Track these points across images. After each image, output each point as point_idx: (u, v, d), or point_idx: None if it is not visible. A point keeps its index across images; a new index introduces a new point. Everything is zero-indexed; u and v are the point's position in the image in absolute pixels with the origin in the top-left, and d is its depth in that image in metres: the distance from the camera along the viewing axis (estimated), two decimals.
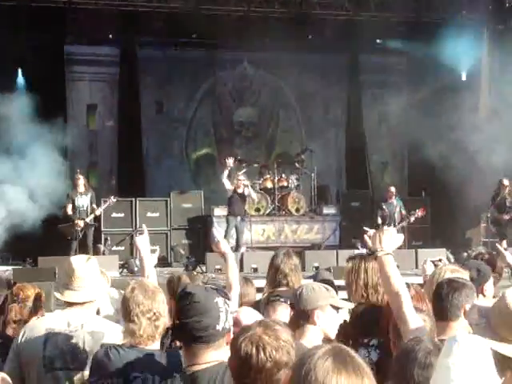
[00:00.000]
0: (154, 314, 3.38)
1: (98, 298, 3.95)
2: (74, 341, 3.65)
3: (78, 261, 3.90)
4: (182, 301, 2.74)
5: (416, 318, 3.27)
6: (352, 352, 1.99)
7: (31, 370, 3.61)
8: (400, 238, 3.58)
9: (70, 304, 3.87)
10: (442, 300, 3.57)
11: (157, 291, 3.45)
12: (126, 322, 3.49)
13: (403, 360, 2.70)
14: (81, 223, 12.95)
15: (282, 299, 4.28)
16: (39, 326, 3.80)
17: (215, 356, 2.68)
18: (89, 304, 3.86)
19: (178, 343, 2.91)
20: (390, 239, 3.51)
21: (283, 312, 4.19)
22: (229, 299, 2.77)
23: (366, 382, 1.91)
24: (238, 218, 13.69)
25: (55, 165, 13.08)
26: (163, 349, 2.72)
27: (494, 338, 2.50)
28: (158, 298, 3.42)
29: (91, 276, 3.86)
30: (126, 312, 3.47)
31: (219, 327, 2.67)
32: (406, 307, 3.30)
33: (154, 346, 3.36)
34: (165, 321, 3.39)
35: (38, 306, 4.62)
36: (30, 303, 4.69)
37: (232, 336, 2.67)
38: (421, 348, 2.68)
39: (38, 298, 4.74)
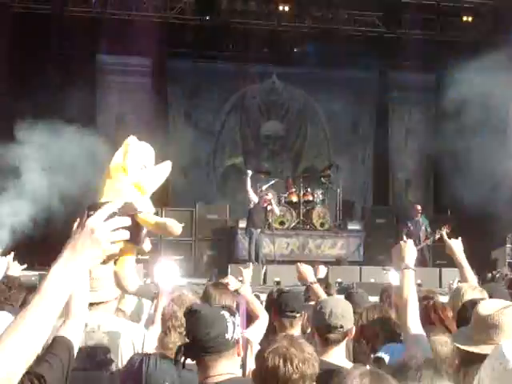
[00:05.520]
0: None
1: (113, 299, 4.00)
2: (90, 341, 3.70)
3: None
4: (189, 318, 2.81)
5: (418, 329, 3.27)
6: (388, 376, 2.04)
7: None
8: (415, 251, 3.65)
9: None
10: (465, 323, 3.58)
11: None
12: (161, 332, 3.57)
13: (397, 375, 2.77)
14: None
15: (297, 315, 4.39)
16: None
17: (227, 367, 2.73)
18: (105, 305, 3.92)
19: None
20: (412, 252, 3.59)
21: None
22: (235, 314, 2.82)
23: None
24: (258, 230, 13.73)
25: (84, 173, 13.23)
26: (177, 367, 2.76)
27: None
28: None
29: (107, 277, 3.91)
30: (162, 322, 3.56)
31: (228, 336, 2.71)
32: (411, 318, 3.30)
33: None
34: None
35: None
36: None
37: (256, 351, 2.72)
38: (413, 363, 2.76)
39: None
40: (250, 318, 4.67)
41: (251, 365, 3.75)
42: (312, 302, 5.06)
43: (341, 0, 16.36)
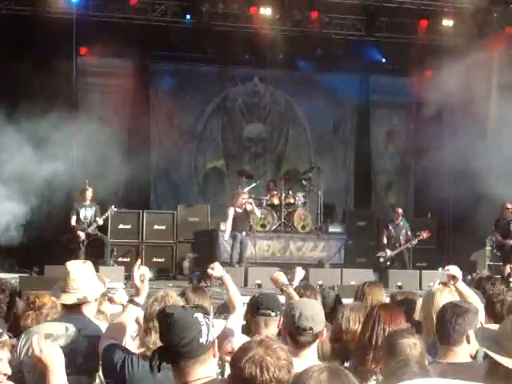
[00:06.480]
0: None
1: (93, 300, 3.99)
2: (70, 346, 3.69)
3: (73, 264, 4.01)
4: (162, 322, 2.78)
5: None
6: (347, 371, 2.10)
7: (32, 375, 3.65)
8: None
9: (67, 308, 3.94)
10: (445, 325, 3.61)
11: None
12: (142, 331, 3.58)
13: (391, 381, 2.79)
14: (82, 235, 13.02)
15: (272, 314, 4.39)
16: (38, 331, 3.84)
17: (204, 372, 2.72)
18: (86, 306, 3.93)
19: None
20: None
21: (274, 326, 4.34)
22: (208, 314, 2.81)
23: None
24: (243, 233, 13.77)
25: (64, 174, 13.18)
26: (153, 371, 2.75)
27: (505, 356, 2.49)
28: None
29: (86, 278, 3.93)
30: (144, 322, 3.56)
31: (202, 340, 2.71)
32: None
33: None
34: None
35: (53, 314, 4.64)
36: (45, 311, 4.73)
37: (230, 356, 2.72)
38: (407, 371, 2.78)
39: (54, 306, 4.77)
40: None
41: None
42: None
43: (322, 4, 16.39)
